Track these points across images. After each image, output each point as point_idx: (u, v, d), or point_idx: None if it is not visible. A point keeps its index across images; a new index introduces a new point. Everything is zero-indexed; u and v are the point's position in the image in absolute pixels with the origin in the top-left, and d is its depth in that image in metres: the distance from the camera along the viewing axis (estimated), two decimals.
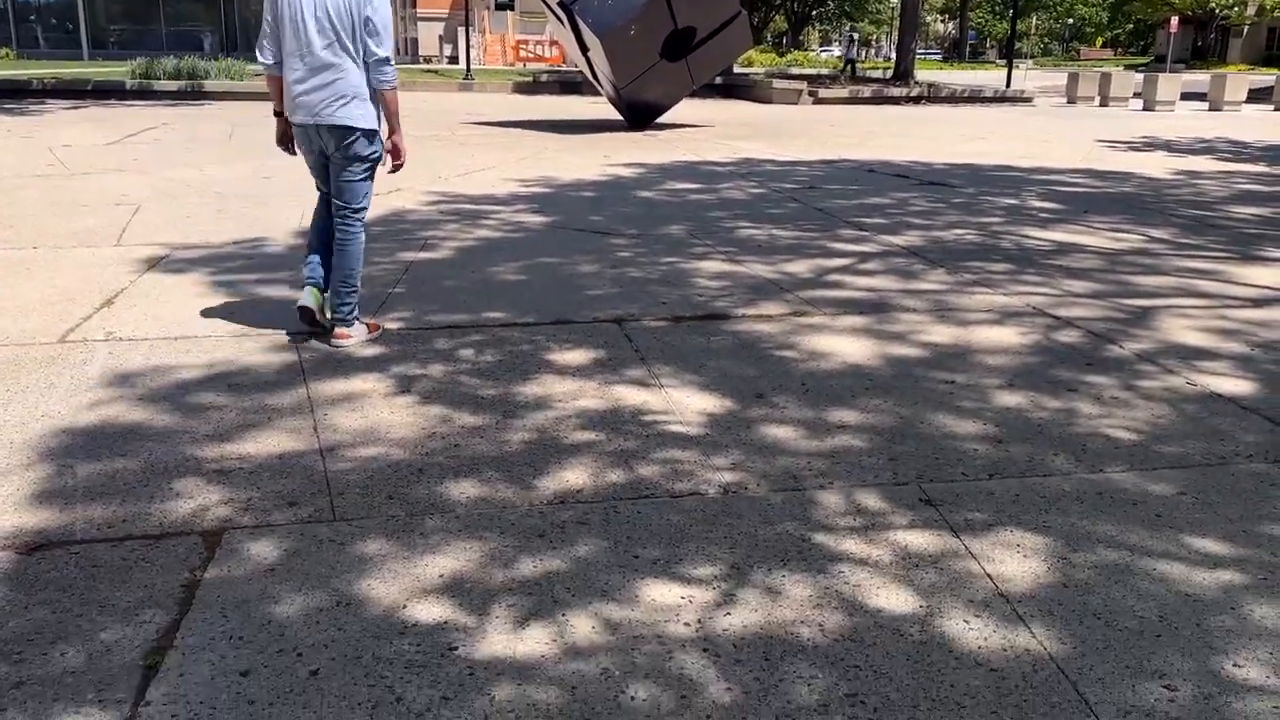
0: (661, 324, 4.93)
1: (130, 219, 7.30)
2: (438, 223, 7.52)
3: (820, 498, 3.07)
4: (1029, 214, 8.34)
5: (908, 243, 7.03)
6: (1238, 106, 23.27)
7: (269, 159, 10.81)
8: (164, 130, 13.71)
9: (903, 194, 9.36)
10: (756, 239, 7.14)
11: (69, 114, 16.13)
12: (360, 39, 4.20)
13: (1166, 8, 56.18)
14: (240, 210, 7.77)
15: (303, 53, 4.21)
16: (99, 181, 9.08)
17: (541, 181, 9.84)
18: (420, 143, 12.98)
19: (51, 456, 3.28)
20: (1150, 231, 7.62)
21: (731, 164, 11.56)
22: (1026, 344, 4.67)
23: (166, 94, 19.48)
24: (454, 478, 3.17)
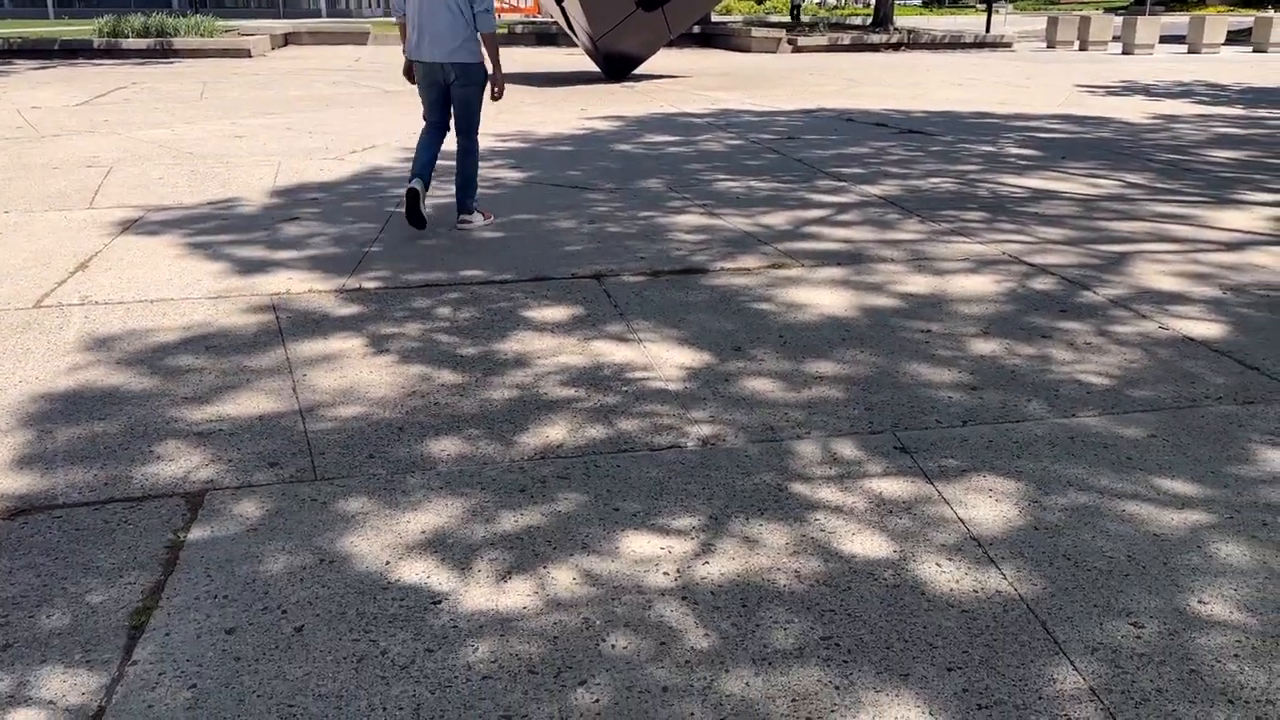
0: (640, 279, 4.93)
1: (102, 181, 7.21)
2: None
3: (797, 448, 3.12)
4: (1006, 161, 8.35)
5: (885, 192, 7.04)
6: (1216, 49, 23.20)
7: (240, 118, 10.67)
8: (134, 90, 13.47)
9: (881, 143, 9.34)
10: (734, 191, 7.12)
11: (37, 74, 15.82)
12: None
13: None
14: (212, 171, 7.68)
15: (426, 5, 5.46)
16: (69, 143, 8.94)
17: (518, 136, 9.75)
18: (395, 98, 12.83)
19: (31, 422, 3.27)
20: (1126, 177, 7.64)
21: (709, 115, 11.48)
22: (1002, 292, 4.71)
23: (135, 52, 19.11)
24: (434, 435, 3.19)
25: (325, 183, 7.29)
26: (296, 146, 8.86)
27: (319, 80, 15.16)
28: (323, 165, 7.96)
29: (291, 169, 7.78)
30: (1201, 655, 2.14)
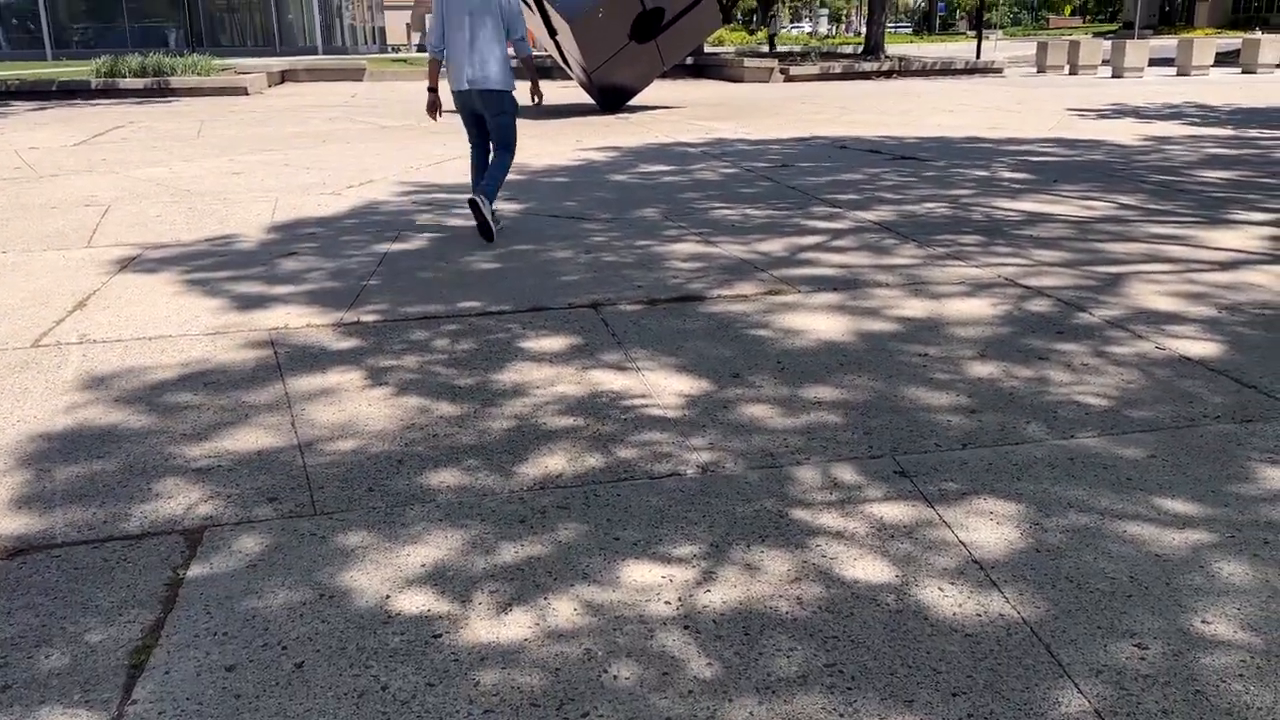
0: (637, 307, 4.95)
1: (100, 220, 7.24)
2: (411, 213, 7.50)
3: (796, 474, 3.11)
4: (999, 185, 8.40)
5: (880, 218, 7.07)
6: (1205, 71, 23.41)
7: (238, 155, 10.74)
8: (131, 129, 13.57)
9: (874, 169, 9.40)
10: (730, 219, 7.16)
11: (35, 115, 15.94)
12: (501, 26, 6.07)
13: None
14: (210, 208, 7.71)
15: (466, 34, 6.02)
16: (67, 183, 8.99)
17: (515, 168, 9.76)
18: (391, 133, 12.92)
19: (29, 461, 3.27)
20: (1119, 198, 7.68)
21: (704, 145, 11.56)
22: (998, 314, 4.72)
23: (133, 92, 19.26)
24: (433, 467, 3.19)
25: (323, 217, 7.33)
26: (294, 182, 8.91)
27: (316, 117, 15.28)
28: (320, 200, 8.00)
29: (289, 205, 7.82)
30: (1206, 676, 2.13)
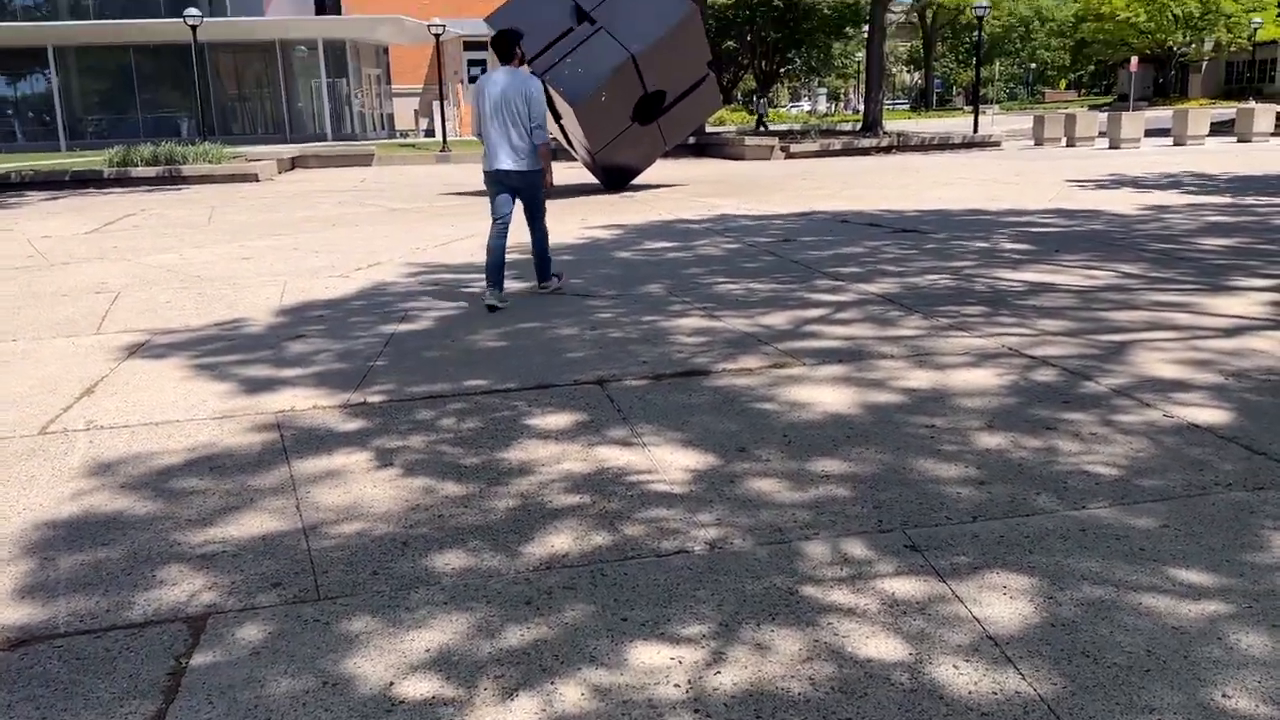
0: (643, 383, 4.95)
1: (110, 307, 7.32)
2: (418, 294, 7.58)
3: (806, 549, 3.08)
4: (1001, 256, 8.46)
5: (883, 290, 7.11)
6: (1201, 140, 23.75)
7: (248, 240, 10.90)
8: (143, 216, 13.80)
9: (876, 242, 9.48)
10: (734, 294, 7.21)
11: (48, 205, 16.23)
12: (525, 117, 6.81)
13: (1126, 48, 57.60)
14: (219, 293, 7.80)
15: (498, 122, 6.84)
16: (78, 271, 9.12)
17: (519, 248, 9.88)
18: (400, 216, 13.12)
19: (33, 550, 3.25)
20: (1121, 267, 7.73)
21: (707, 221, 11.70)
22: (1004, 385, 4.72)
23: (145, 180, 19.63)
24: (439, 549, 3.17)
25: (331, 300, 7.40)
26: (303, 266, 9.02)
27: (325, 201, 15.53)
28: (328, 283, 8.09)
29: (298, 288, 7.90)
30: None
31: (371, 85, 38.10)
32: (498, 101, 6.80)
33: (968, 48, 77.37)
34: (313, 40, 33.74)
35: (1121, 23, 56.12)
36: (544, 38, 14.67)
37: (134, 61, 33.70)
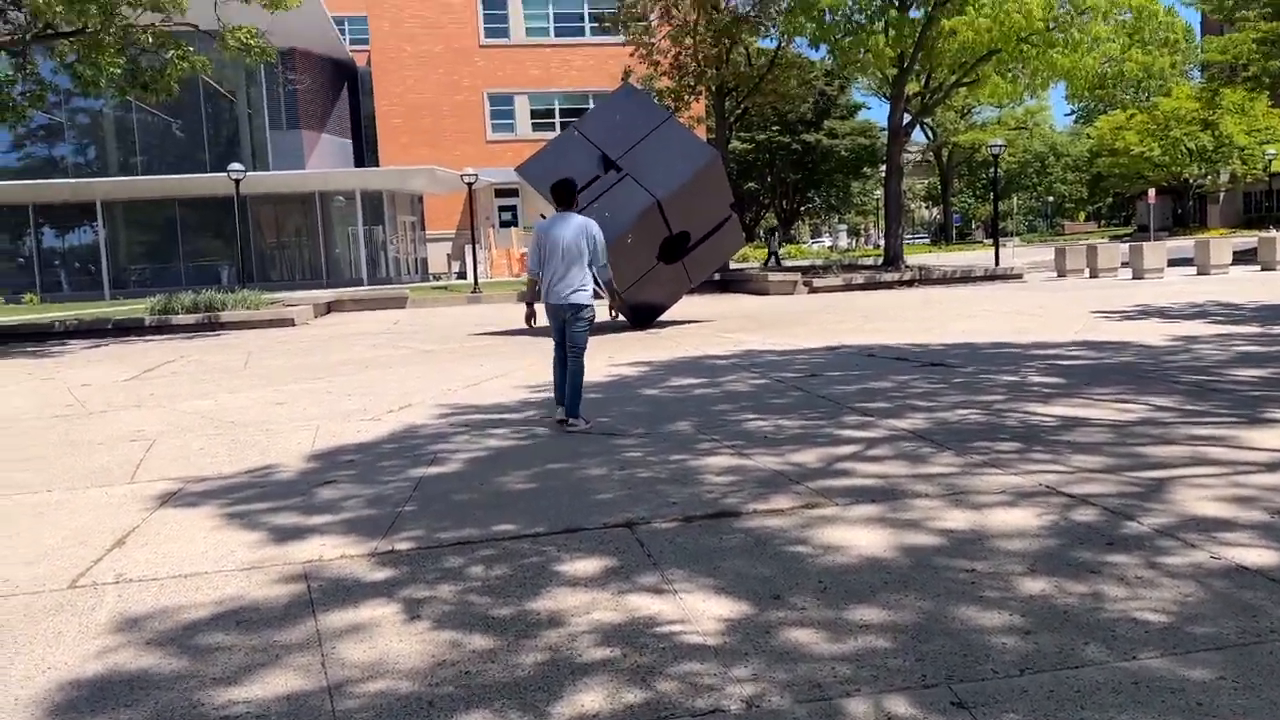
0: (672, 525, 4.89)
1: (144, 455, 7.40)
2: (448, 435, 7.61)
3: (847, 707, 2.96)
4: (1031, 390, 8.41)
5: (913, 426, 7.06)
6: (1225, 269, 23.84)
7: (282, 385, 11.06)
8: (181, 363, 14.09)
9: (904, 376, 9.48)
10: (763, 430, 7.18)
11: (89, 353, 16.64)
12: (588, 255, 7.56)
13: (1142, 181, 58.59)
14: (252, 439, 7.88)
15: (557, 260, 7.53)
16: (116, 418, 9.26)
17: (547, 387, 9.95)
18: (432, 357, 13.31)
19: (57, 712, 3.19)
20: (1154, 400, 7.65)
21: (734, 356, 11.78)
22: (1044, 525, 4.61)
23: (185, 327, 20.14)
24: (464, 708, 3.07)
25: (362, 443, 7.44)
26: (335, 409, 9.12)
27: (359, 344, 15.82)
28: (360, 427, 8.16)
29: (329, 432, 7.97)
30: None
31: (406, 231, 39.32)
32: (562, 242, 7.56)
33: (984, 183, 79.04)
34: (351, 191, 35.06)
35: (1136, 157, 57.26)
36: None
37: (178, 213, 35.08)
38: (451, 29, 40.25)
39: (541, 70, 41.16)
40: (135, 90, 19.02)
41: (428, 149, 39.71)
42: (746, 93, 32.37)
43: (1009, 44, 23.89)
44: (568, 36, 41.32)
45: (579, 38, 41.24)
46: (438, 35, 40.11)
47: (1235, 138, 54.98)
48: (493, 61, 40.81)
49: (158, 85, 18.68)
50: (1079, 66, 24.58)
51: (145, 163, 35.84)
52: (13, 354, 16.96)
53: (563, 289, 7.57)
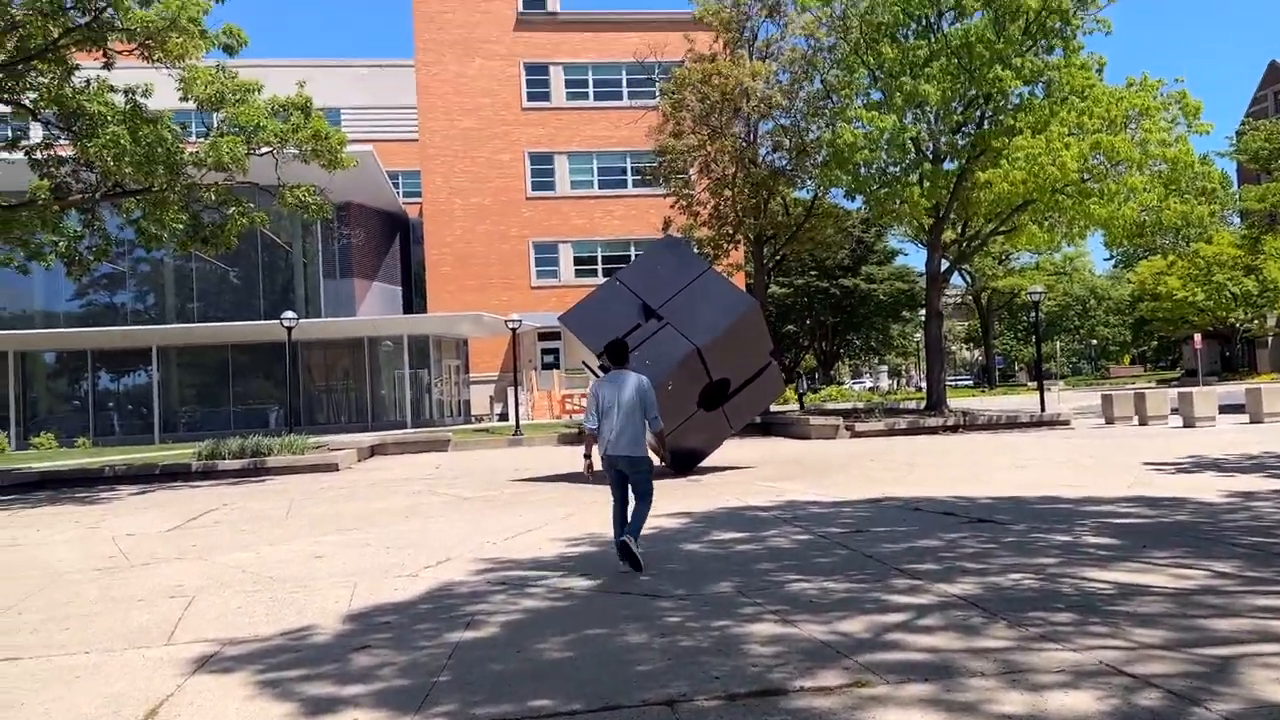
0: (716, 703, 4.72)
1: (183, 613, 7.36)
2: (484, 594, 7.50)
3: None
4: (1085, 552, 8.15)
5: (964, 591, 6.84)
6: (1278, 417, 23.33)
7: (323, 535, 11.05)
8: (224, 511, 14.17)
9: (952, 534, 9.25)
10: (808, 593, 7.00)
11: (136, 499, 16.83)
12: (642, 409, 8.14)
13: (1188, 325, 58.21)
14: (290, 596, 7.82)
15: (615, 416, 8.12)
16: (157, 572, 9.27)
17: (588, 539, 9.89)
18: (470, 505, 13.27)
19: None
20: (1214, 565, 7.37)
21: (776, 508, 11.61)
22: (1106, 710, 4.38)
23: (231, 473, 20.37)
24: None
25: (399, 603, 7.35)
26: (374, 564, 9.06)
27: (400, 490, 15.85)
28: (397, 584, 8.08)
29: (367, 590, 7.89)
30: None
31: (451, 374, 39.95)
32: (619, 399, 8.16)
33: (1026, 326, 79.05)
34: (399, 336, 35.89)
35: (1179, 301, 57.09)
36: (614, 332, 15.40)
37: (230, 357, 36.05)
38: (500, 183, 41.90)
39: (585, 220, 42.47)
40: (196, 244, 19.86)
41: (474, 294, 40.77)
42: (784, 240, 33.07)
43: (1044, 195, 24.29)
44: (610, 188, 42.78)
45: (621, 189, 42.67)
46: (487, 189, 41.74)
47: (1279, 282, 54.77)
48: (538, 212, 42.23)
49: (218, 240, 19.51)
50: (1116, 216, 24.85)
51: (201, 309, 37.12)
52: (63, 499, 17.20)
53: (621, 443, 8.14)
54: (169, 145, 17.14)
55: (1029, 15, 24.58)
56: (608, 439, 8.16)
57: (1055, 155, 23.58)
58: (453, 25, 41.86)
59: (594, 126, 42.56)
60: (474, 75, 41.92)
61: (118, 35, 17.44)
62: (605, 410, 8.19)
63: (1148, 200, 25.16)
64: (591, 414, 8.31)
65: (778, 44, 30.62)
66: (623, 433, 8.10)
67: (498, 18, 42.17)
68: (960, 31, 25.29)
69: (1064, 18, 25.15)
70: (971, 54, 24.79)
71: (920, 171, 26.06)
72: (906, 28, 26.82)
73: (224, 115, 18.26)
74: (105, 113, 16.99)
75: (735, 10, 30.40)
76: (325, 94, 44.49)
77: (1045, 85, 25.95)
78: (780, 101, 29.65)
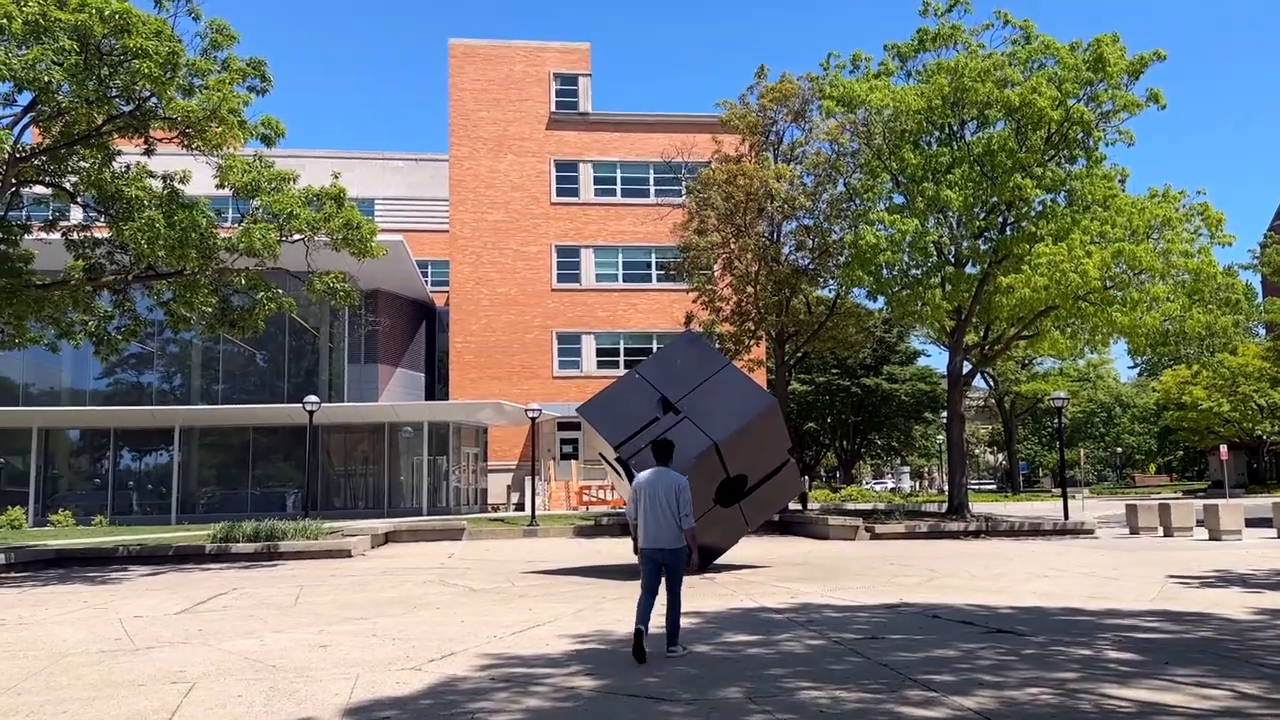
0: None
1: (181, 700, 7.25)
2: (487, 691, 7.36)
3: None
4: (1106, 667, 7.92)
5: (980, 705, 6.64)
6: None
7: (329, 625, 10.93)
8: (233, 596, 14.07)
9: (970, 644, 9.02)
10: (819, 702, 6.82)
11: (146, 580, 16.74)
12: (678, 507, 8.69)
13: (1213, 436, 57.44)
14: (290, 686, 7.70)
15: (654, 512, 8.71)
16: (160, 656, 9.17)
17: (597, 637, 9.73)
18: (480, 598, 13.11)
19: None
20: (1239, 685, 7.13)
21: (789, 610, 11.39)
22: None
23: (243, 556, 20.26)
24: None
25: (399, 697, 7.22)
26: (377, 656, 8.93)
27: (410, 580, 15.70)
28: (399, 677, 7.94)
29: (369, 682, 7.76)
30: None
31: (469, 462, 39.91)
32: (658, 496, 8.75)
33: (1050, 431, 78.30)
34: (420, 423, 36.01)
35: (1205, 412, 56.47)
36: (633, 425, 15.41)
37: (251, 439, 36.22)
38: (526, 274, 42.52)
39: (608, 312, 42.88)
40: (224, 327, 20.18)
41: (496, 383, 40.99)
42: (806, 338, 33.17)
43: (1066, 301, 24.30)
44: (634, 282, 43.29)
45: (645, 284, 43.16)
46: (513, 280, 42.34)
47: None
48: (563, 304, 42.71)
49: (246, 323, 19.81)
50: (1139, 324, 24.79)
51: (226, 391, 37.48)
52: (73, 578, 17.14)
53: (659, 536, 8.72)
54: (202, 231, 17.56)
55: (1051, 126, 24.97)
56: (650, 533, 8.73)
57: (1078, 262, 23.68)
58: (487, 122, 43.08)
59: (620, 222, 43.31)
60: (505, 170, 42.95)
61: (159, 124, 18.06)
62: (647, 505, 8.79)
63: (1170, 309, 25.12)
64: (631, 505, 9.01)
65: (802, 148, 31.23)
66: (662, 528, 8.69)
67: (530, 116, 43.38)
68: (982, 140, 25.72)
69: (1086, 129, 25.53)
70: (993, 162, 25.15)
71: (942, 274, 26.21)
72: (929, 135, 27.29)
73: (259, 203, 18.74)
74: (142, 197, 17.49)
75: (761, 115, 31.11)
76: (360, 185, 45.79)
77: (1067, 194, 26.21)
78: (804, 203, 30.10)
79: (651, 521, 8.72)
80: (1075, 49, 26.05)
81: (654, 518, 8.70)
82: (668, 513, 8.68)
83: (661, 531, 8.68)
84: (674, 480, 8.81)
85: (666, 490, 8.74)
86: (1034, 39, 26.79)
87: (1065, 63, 25.75)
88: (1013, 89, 25.46)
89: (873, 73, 27.81)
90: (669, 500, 8.69)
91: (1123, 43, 25.74)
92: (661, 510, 8.69)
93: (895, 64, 28.05)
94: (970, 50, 26.81)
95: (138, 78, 16.37)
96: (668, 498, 8.70)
